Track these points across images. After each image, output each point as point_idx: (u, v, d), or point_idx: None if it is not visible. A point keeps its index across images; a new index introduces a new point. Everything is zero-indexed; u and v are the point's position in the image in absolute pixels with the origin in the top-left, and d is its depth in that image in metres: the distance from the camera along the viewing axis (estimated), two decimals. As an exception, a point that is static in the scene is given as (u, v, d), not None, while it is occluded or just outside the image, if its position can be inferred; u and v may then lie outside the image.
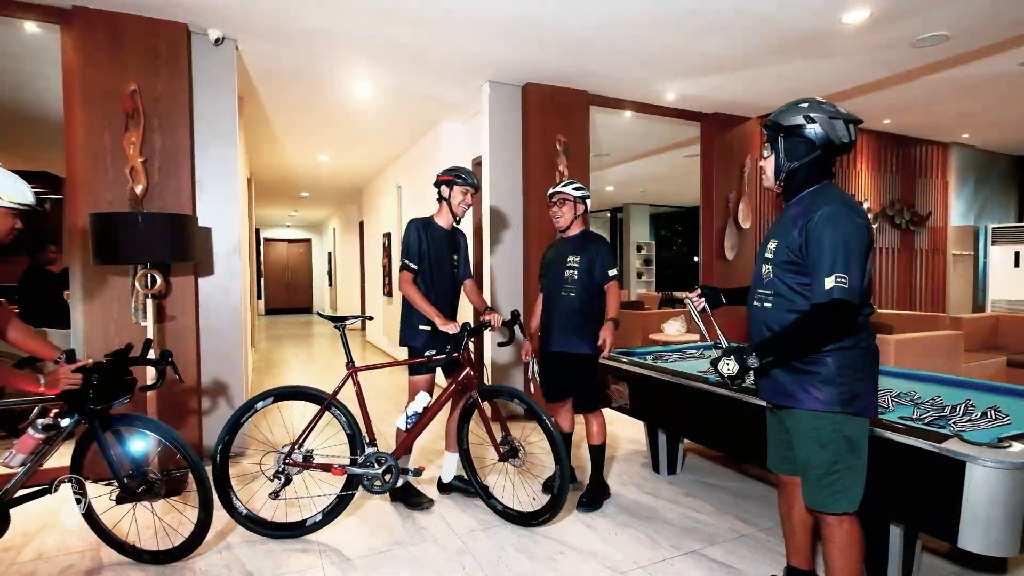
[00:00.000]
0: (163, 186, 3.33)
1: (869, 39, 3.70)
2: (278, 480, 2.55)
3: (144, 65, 3.26)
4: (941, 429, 1.88)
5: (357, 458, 2.56)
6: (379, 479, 2.54)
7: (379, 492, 2.58)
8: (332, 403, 2.56)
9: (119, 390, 2.18)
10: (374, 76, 4.36)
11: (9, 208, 1.92)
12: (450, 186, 2.85)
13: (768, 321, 1.77)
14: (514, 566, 2.32)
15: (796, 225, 1.67)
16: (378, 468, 2.54)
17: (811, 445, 1.69)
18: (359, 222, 11.02)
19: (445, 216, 2.91)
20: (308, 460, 2.60)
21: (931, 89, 5.09)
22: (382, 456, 2.57)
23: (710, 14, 3.32)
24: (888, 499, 1.88)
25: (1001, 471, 1.57)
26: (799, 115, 1.69)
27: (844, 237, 1.57)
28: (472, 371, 2.66)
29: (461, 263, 3.00)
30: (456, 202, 2.85)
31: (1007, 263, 7.41)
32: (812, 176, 1.73)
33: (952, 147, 7.29)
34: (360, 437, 2.58)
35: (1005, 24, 3.52)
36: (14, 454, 2.07)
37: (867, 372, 1.68)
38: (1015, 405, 2.23)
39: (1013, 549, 1.60)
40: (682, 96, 4.88)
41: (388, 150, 7.09)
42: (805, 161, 1.71)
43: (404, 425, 2.67)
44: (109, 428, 2.20)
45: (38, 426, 2.07)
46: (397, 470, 2.57)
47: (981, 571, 2.24)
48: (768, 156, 1.79)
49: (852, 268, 1.56)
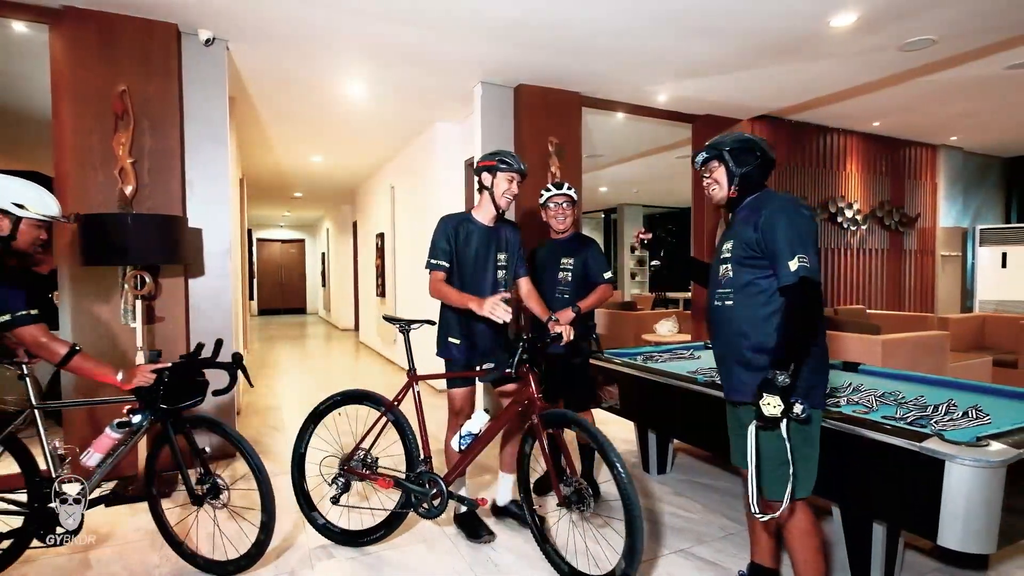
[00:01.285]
0: (153, 187, 3.32)
1: (857, 42, 3.74)
2: (336, 486, 2.47)
3: (134, 66, 3.26)
4: (923, 428, 1.90)
5: (411, 474, 2.37)
6: (427, 501, 2.31)
7: (425, 516, 2.33)
8: (392, 411, 2.43)
9: (191, 391, 2.16)
10: (367, 77, 4.37)
11: (36, 220, 1.98)
12: (492, 172, 2.44)
13: (732, 318, 1.84)
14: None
15: (749, 223, 1.80)
16: (428, 489, 2.31)
17: (767, 438, 1.73)
18: (353, 222, 11.01)
19: (486, 209, 2.51)
20: (369, 468, 2.46)
21: (919, 92, 5.14)
22: (433, 477, 2.32)
23: (701, 17, 3.35)
24: (871, 497, 1.91)
25: (979, 470, 1.60)
26: (738, 134, 1.91)
27: (796, 225, 1.71)
28: (534, 391, 2.21)
29: (511, 263, 2.59)
30: (500, 191, 2.44)
31: (995, 264, 7.50)
32: (759, 181, 1.89)
33: (941, 149, 7.36)
34: (417, 451, 2.39)
35: (991, 28, 3.57)
36: (91, 453, 2.09)
37: (821, 367, 1.79)
38: (996, 405, 2.26)
39: (991, 546, 1.63)
40: (674, 98, 4.91)
41: (381, 151, 7.09)
42: (755, 166, 1.86)
43: (457, 446, 2.35)
44: (181, 430, 2.18)
45: (114, 425, 2.09)
46: (446, 496, 2.29)
47: (963, 568, 2.27)
48: (717, 168, 1.91)
49: (809, 251, 1.69)
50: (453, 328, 2.53)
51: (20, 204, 1.94)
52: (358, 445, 2.50)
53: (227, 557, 2.25)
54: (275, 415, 4.79)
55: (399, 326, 2.52)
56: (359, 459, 2.49)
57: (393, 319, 2.55)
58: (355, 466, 2.49)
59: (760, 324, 1.78)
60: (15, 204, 1.92)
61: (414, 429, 2.42)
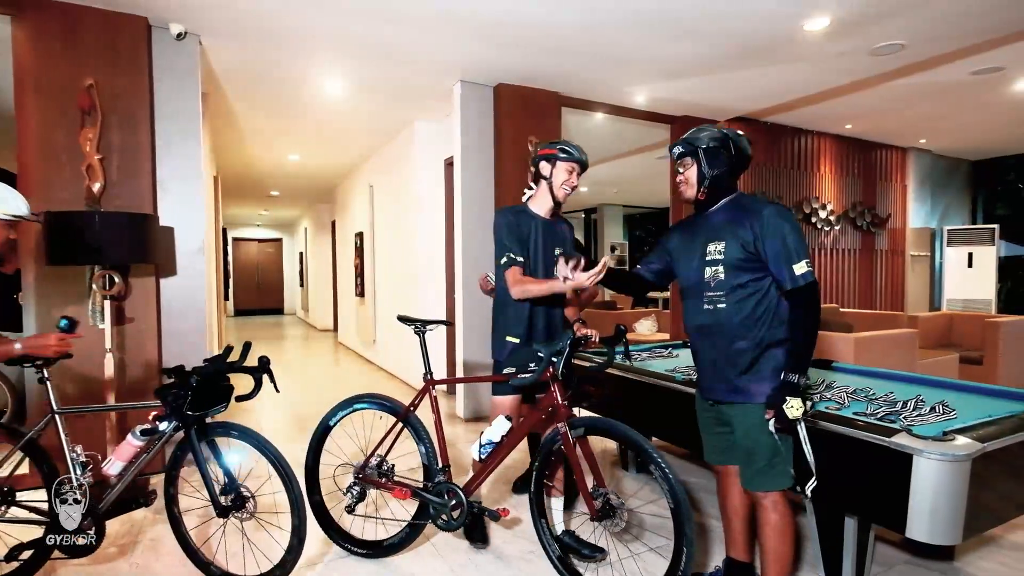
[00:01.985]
0: (122, 184, 3.24)
1: (830, 47, 3.81)
2: (351, 495, 2.36)
3: (102, 59, 3.17)
4: (892, 424, 1.94)
5: (428, 484, 2.26)
6: (446, 513, 2.19)
7: (443, 528, 2.22)
8: (409, 417, 2.31)
9: (216, 397, 2.06)
10: (344, 75, 4.32)
11: (2, 220, 1.95)
12: (551, 162, 2.32)
13: (725, 321, 1.84)
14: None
15: (743, 225, 1.81)
16: (447, 500, 2.20)
17: (761, 435, 1.78)
18: (331, 222, 10.89)
19: (543, 200, 2.38)
20: (385, 477, 2.35)
21: (889, 96, 5.26)
22: (452, 488, 2.21)
23: (678, 19, 3.38)
24: (843, 492, 1.94)
25: (945, 463, 1.64)
26: (712, 133, 1.88)
27: (795, 230, 1.77)
28: (560, 396, 2.05)
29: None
30: (559, 182, 2.32)
31: (961, 264, 7.72)
32: (731, 185, 1.90)
33: (910, 152, 7.56)
34: (435, 460, 2.27)
35: (956, 35, 3.68)
36: (113, 462, 2.03)
37: None
38: (962, 400, 2.32)
39: (956, 537, 1.68)
40: (652, 99, 4.95)
41: (360, 149, 7.02)
42: (726, 168, 1.86)
43: (478, 455, 2.22)
44: (204, 437, 2.08)
45: (137, 432, 2.03)
46: (466, 508, 2.17)
47: (931, 559, 2.33)
48: (690, 167, 1.90)
49: (806, 255, 1.76)
50: (513, 325, 2.34)
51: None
52: (373, 452, 2.39)
53: (259, 570, 2.10)
54: (250, 418, 4.71)
55: (414, 327, 2.38)
56: (374, 467, 2.37)
57: (408, 319, 2.41)
58: (370, 474, 2.36)
59: (753, 326, 1.81)
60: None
61: (431, 436, 2.30)
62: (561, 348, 2.00)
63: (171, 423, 2.03)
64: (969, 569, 2.27)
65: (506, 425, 2.19)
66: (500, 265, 2.29)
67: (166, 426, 2.02)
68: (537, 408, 2.13)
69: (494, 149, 4.59)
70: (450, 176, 5.16)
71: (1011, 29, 3.62)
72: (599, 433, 2.00)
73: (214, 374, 2.05)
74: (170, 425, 2.03)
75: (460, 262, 4.59)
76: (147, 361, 3.31)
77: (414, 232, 5.76)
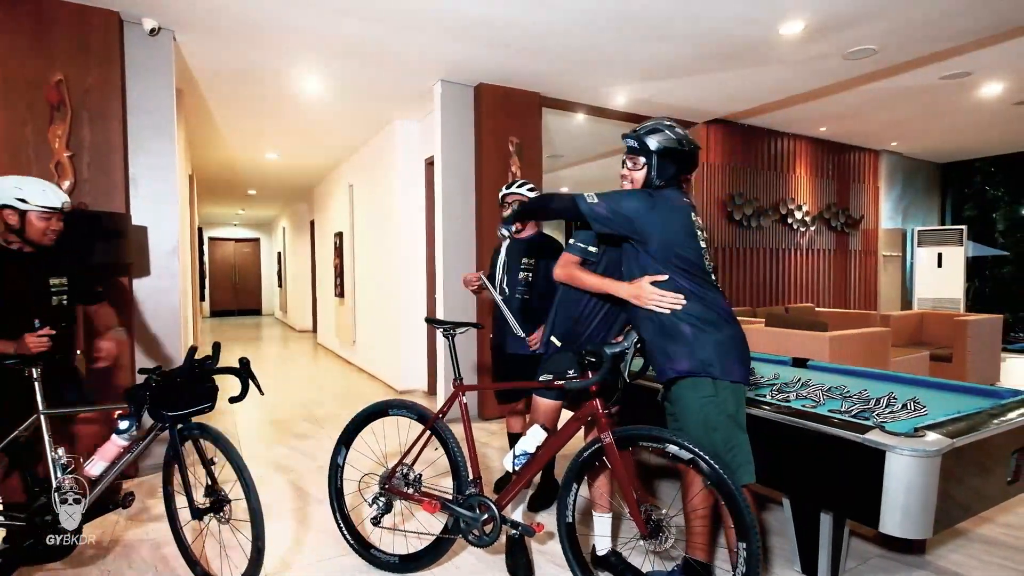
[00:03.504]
0: (93, 183, 3.15)
1: (804, 50, 3.89)
2: (377, 506, 2.25)
3: (72, 54, 3.08)
4: (865, 421, 1.99)
5: (459, 497, 2.13)
6: (478, 528, 2.06)
7: (475, 544, 2.08)
8: (437, 424, 2.21)
9: (199, 398, 2.03)
10: (323, 73, 4.26)
11: (39, 212, 2.13)
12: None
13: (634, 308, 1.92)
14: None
15: None
16: (479, 515, 2.07)
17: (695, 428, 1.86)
18: (310, 221, 10.75)
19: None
20: (412, 487, 2.24)
21: (862, 99, 5.39)
22: (485, 502, 2.07)
23: (655, 21, 3.41)
24: (819, 488, 1.98)
25: (916, 459, 1.68)
26: (673, 138, 1.87)
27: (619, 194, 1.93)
28: (602, 404, 1.88)
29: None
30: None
31: (931, 264, 7.94)
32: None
33: (882, 154, 7.74)
34: (465, 471, 2.16)
35: (926, 40, 3.77)
36: (96, 462, 2.02)
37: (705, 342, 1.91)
38: (933, 396, 2.38)
39: (927, 531, 1.72)
40: (632, 100, 4.99)
41: (339, 148, 6.95)
42: (669, 179, 1.90)
43: (511, 466, 2.09)
44: (187, 439, 2.06)
45: (120, 432, 2.03)
46: (499, 522, 2.04)
47: (903, 553, 2.39)
48: (637, 169, 1.93)
49: (601, 199, 1.90)
50: (559, 327, 2.18)
51: (22, 199, 2.11)
52: (400, 461, 2.27)
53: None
54: (228, 420, 4.63)
55: (443, 330, 2.28)
56: (401, 476, 2.25)
57: (437, 321, 2.32)
58: (397, 484, 2.25)
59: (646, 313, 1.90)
60: (18, 199, 2.10)
61: (461, 446, 2.18)
62: (624, 349, 1.83)
63: (133, 421, 2.03)
64: (940, 562, 2.33)
65: (542, 435, 2.06)
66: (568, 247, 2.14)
67: (127, 424, 2.03)
68: (576, 417, 1.97)
69: (475, 149, 4.58)
70: (431, 176, 5.14)
71: (978, 35, 3.73)
72: (650, 443, 1.79)
73: (191, 375, 2.02)
74: (132, 424, 2.03)
75: (441, 262, 4.57)
76: (120, 363, 3.22)
77: (395, 232, 5.72)
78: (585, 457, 1.89)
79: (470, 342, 4.57)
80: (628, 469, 1.85)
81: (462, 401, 2.20)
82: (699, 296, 1.82)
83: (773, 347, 4.16)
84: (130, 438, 2.05)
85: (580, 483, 1.94)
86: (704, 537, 1.94)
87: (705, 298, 1.83)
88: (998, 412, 2.04)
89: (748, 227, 6.38)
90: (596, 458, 1.88)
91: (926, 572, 2.25)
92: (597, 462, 1.89)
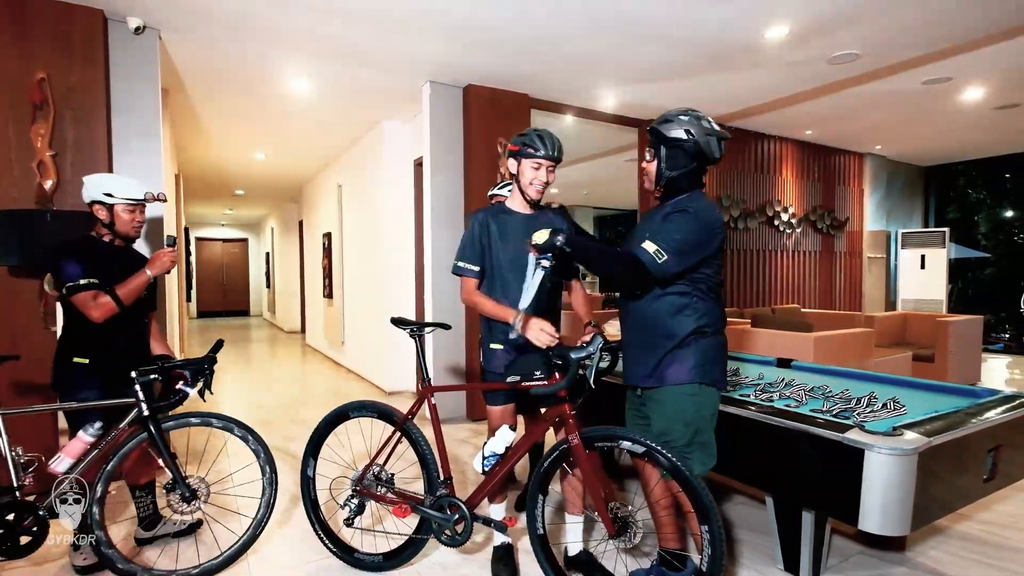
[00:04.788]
0: (76, 182, 3.10)
1: (789, 54, 3.94)
2: (349, 507, 2.24)
3: (54, 53, 3.05)
4: (846, 420, 2.02)
5: (430, 498, 2.14)
6: (449, 528, 2.08)
7: (448, 544, 2.10)
8: (407, 425, 2.20)
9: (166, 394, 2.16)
10: (311, 73, 4.25)
11: (124, 204, 2.28)
12: (517, 158, 2.12)
13: (641, 307, 1.93)
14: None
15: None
16: (449, 515, 2.08)
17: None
18: (299, 222, 10.69)
19: (518, 197, 2.18)
20: (385, 486, 2.24)
21: (846, 103, 5.45)
22: (455, 502, 2.09)
23: (642, 25, 3.44)
24: (800, 487, 2.01)
25: (894, 457, 1.71)
26: (680, 129, 1.81)
27: (680, 226, 1.78)
28: (568, 406, 1.89)
29: None
30: (527, 180, 2.10)
31: (915, 265, 8.05)
32: (691, 185, 1.88)
33: (867, 157, 7.84)
34: (436, 472, 2.17)
35: (907, 45, 3.84)
36: (62, 459, 2.03)
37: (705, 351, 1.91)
38: (912, 396, 2.43)
39: (905, 528, 1.75)
40: (620, 102, 5.02)
41: (328, 149, 6.92)
42: (683, 172, 1.85)
43: (481, 467, 2.08)
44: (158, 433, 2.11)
45: (88, 429, 2.06)
46: (470, 522, 2.07)
47: (884, 550, 2.43)
48: (651, 161, 1.91)
49: (666, 244, 1.76)
50: (496, 330, 2.15)
51: (109, 193, 2.24)
52: (372, 462, 2.27)
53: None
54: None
55: (409, 331, 2.25)
56: (372, 477, 2.25)
57: (403, 322, 2.26)
58: (368, 486, 2.25)
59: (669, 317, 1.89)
60: (105, 194, 2.24)
61: (432, 447, 2.19)
62: (590, 354, 1.79)
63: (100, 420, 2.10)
64: (920, 559, 2.36)
65: (510, 436, 2.06)
66: (453, 270, 2.18)
67: (99, 426, 2.09)
68: (544, 418, 2.00)
69: (464, 150, 4.58)
70: (419, 176, 5.13)
71: (958, 41, 3.80)
72: (604, 442, 1.82)
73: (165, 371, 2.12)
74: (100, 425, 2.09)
75: (430, 263, 4.57)
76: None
77: (383, 233, 5.70)
78: (547, 465, 1.91)
79: (457, 343, 4.57)
80: (594, 470, 1.86)
81: (431, 402, 2.19)
82: (711, 305, 1.86)
83: (759, 348, 4.21)
84: (95, 435, 2.07)
85: (546, 494, 1.96)
86: (672, 527, 1.95)
87: (714, 309, 1.87)
88: (975, 411, 2.08)
89: (735, 229, 6.44)
90: (562, 461, 1.91)
91: (906, 569, 2.29)
92: (565, 463, 1.93)
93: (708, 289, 1.85)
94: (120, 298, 2.19)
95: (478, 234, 2.13)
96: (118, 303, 2.19)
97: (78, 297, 2.15)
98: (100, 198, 2.25)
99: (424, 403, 2.22)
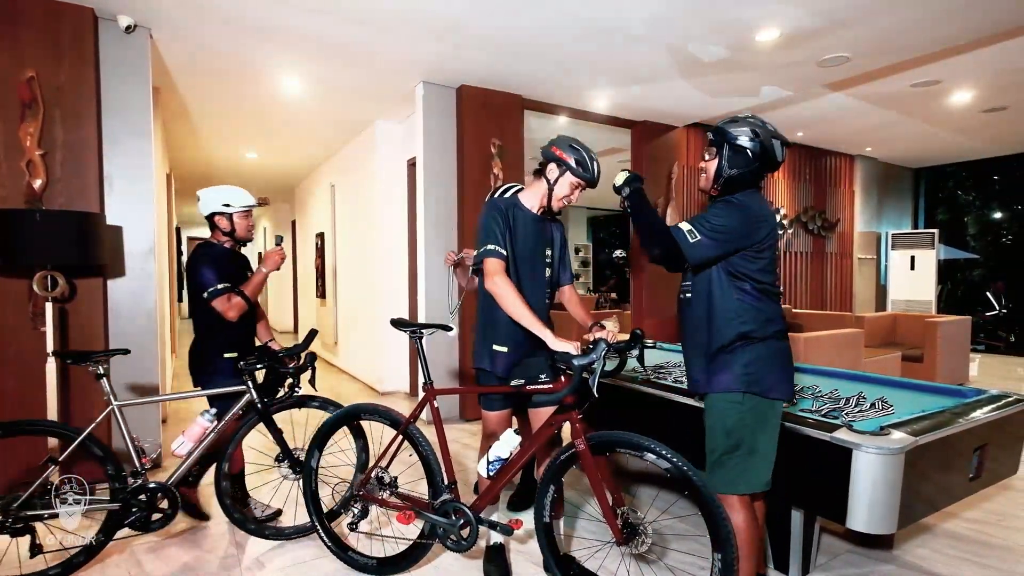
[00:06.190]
0: (66, 182, 3.10)
1: (780, 57, 3.96)
2: (353, 512, 2.24)
3: (44, 51, 3.03)
4: (834, 420, 2.04)
5: (434, 503, 2.11)
6: (455, 533, 2.04)
7: (453, 549, 2.07)
8: (410, 429, 2.16)
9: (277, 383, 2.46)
10: (304, 74, 4.24)
11: (240, 211, 2.57)
12: (561, 168, 2.11)
13: (691, 310, 1.89)
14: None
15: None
16: (455, 520, 2.05)
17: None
18: (291, 221, 10.65)
19: (535, 199, 2.17)
20: (388, 489, 2.22)
21: (837, 106, 5.50)
22: (460, 507, 2.05)
23: (633, 27, 3.46)
24: (790, 486, 2.03)
25: (882, 456, 1.73)
26: (747, 129, 1.80)
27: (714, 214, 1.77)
28: (577, 411, 1.86)
29: (555, 263, 2.27)
30: (560, 194, 2.12)
31: (904, 266, 8.12)
32: (745, 185, 1.83)
33: (857, 159, 7.91)
34: (440, 476, 2.13)
35: (896, 49, 3.87)
36: (184, 442, 2.32)
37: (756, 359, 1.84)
38: (900, 396, 2.45)
39: (892, 526, 1.77)
40: (613, 104, 5.03)
41: (320, 149, 6.90)
42: (744, 171, 1.80)
43: (486, 472, 2.04)
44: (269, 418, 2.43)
45: (205, 415, 2.34)
46: (476, 527, 2.03)
47: (872, 548, 2.45)
48: (711, 160, 1.86)
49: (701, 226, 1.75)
50: (501, 332, 2.11)
51: (227, 203, 2.51)
52: (375, 465, 2.26)
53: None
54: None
55: (409, 332, 2.21)
56: (376, 481, 2.23)
57: (403, 324, 2.23)
58: (371, 490, 2.23)
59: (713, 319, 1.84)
60: (224, 205, 2.51)
61: (435, 450, 2.15)
62: (595, 359, 1.75)
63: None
64: (907, 557, 2.39)
65: (515, 440, 2.01)
66: (482, 254, 2.04)
67: (212, 414, 2.40)
68: (549, 423, 1.96)
69: (457, 150, 4.59)
70: (413, 177, 5.13)
71: (946, 45, 3.83)
72: (629, 450, 1.76)
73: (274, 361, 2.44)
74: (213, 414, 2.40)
75: (423, 263, 4.57)
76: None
77: (377, 233, 5.69)
78: (561, 461, 1.89)
79: (451, 344, 4.57)
80: (604, 475, 1.82)
81: (433, 405, 2.17)
82: (759, 309, 1.78)
83: (750, 348, 4.22)
84: (211, 420, 2.36)
85: (559, 484, 1.94)
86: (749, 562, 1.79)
87: (763, 312, 1.78)
88: (961, 411, 2.11)
89: (727, 230, 6.46)
90: (572, 463, 1.88)
91: (893, 567, 2.31)
92: (574, 465, 1.90)
93: (755, 290, 1.76)
94: (248, 296, 2.53)
95: (502, 222, 2.07)
96: (247, 301, 2.52)
97: (218, 301, 2.45)
98: (219, 209, 2.53)
99: (427, 406, 2.19)
